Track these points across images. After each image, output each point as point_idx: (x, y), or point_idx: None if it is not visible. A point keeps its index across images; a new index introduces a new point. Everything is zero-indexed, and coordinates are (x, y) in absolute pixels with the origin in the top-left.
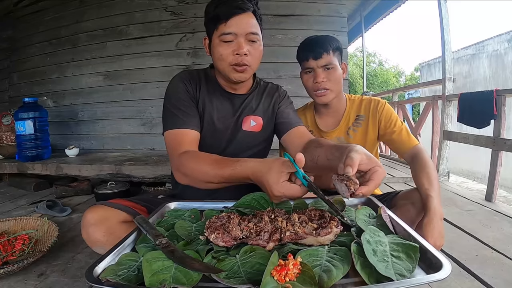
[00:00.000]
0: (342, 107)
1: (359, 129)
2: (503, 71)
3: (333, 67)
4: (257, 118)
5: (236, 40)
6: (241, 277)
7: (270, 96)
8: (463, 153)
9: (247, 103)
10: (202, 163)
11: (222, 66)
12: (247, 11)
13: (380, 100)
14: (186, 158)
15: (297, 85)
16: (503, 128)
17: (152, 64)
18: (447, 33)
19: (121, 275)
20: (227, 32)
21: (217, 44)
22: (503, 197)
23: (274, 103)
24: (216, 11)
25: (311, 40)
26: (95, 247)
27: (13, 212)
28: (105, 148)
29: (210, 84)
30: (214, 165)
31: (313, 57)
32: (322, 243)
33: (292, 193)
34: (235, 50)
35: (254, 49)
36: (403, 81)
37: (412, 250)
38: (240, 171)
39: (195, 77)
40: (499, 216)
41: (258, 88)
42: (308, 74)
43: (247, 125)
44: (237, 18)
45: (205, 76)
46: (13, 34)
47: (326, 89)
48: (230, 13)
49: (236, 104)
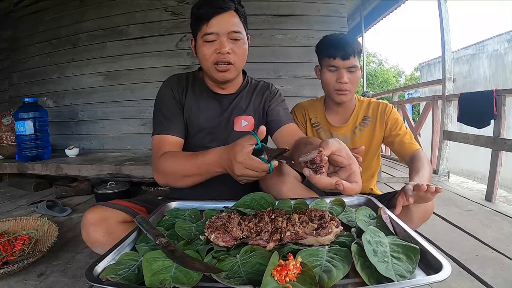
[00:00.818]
0: (351, 107)
1: (366, 129)
2: (503, 71)
3: (356, 69)
4: (248, 117)
5: (218, 39)
6: (241, 277)
7: (261, 95)
8: (463, 153)
9: (236, 102)
10: (178, 158)
11: (206, 66)
12: (229, 10)
13: (388, 104)
14: (164, 158)
15: (297, 85)
16: (503, 128)
17: (152, 64)
18: (447, 33)
19: (121, 275)
20: (209, 32)
21: (200, 44)
22: (503, 197)
23: (265, 101)
24: (198, 12)
25: (339, 39)
26: (95, 247)
27: (13, 212)
28: (105, 148)
29: (198, 86)
30: (187, 157)
31: (341, 57)
32: (322, 243)
33: (253, 163)
34: (217, 49)
35: (237, 47)
36: (403, 81)
37: (412, 252)
38: (210, 155)
39: (183, 81)
40: (499, 216)
41: (248, 87)
42: (331, 72)
43: (238, 125)
44: (219, 18)
45: (193, 79)
46: (13, 34)
47: (348, 90)
48: (212, 13)
49: (224, 104)
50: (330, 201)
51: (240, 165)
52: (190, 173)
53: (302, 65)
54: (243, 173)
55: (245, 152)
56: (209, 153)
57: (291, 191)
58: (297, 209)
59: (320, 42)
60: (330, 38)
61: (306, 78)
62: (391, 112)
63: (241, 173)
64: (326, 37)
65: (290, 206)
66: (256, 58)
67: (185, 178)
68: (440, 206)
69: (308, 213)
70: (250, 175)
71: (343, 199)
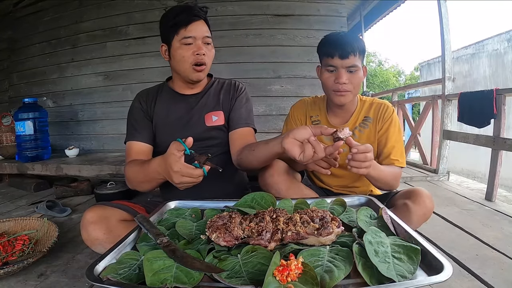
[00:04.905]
0: (353, 107)
1: (365, 130)
2: (503, 71)
3: (357, 69)
4: (218, 113)
5: (195, 42)
6: (242, 277)
7: (228, 92)
8: (463, 153)
9: (204, 100)
10: (133, 166)
11: (184, 67)
12: (201, 19)
13: (390, 106)
14: (128, 167)
15: (297, 85)
16: (503, 128)
17: (151, 64)
18: (447, 33)
19: (122, 274)
20: (188, 36)
21: (178, 47)
22: (503, 197)
23: (231, 98)
24: (176, 19)
25: (338, 38)
26: (95, 246)
27: (13, 213)
28: (105, 148)
29: (165, 93)
30: (140, 166)
31: (339, 56)
32: (323, 243)
33: (188, 170)
34: (195, 51)
35: (208, 50)
36: (403, 81)
37: (414, 252)
38: (152, 166)
39: (152, 93)
40: (499, 216)
41: (215, 86)
42: (329, 72)
43: (209, 121)
44: (195, 24)
45: (161, 89)
46: (12, 35)
47: (347, 91)
48: (189, 20)
49: (192, 102)
50: (331, 201)
51: (177, 174)
52: (143, 180)
53: (302, 65)
54: (181, 181)
55: (179, 162)
56: (152, 163)
57: (291, 190)
58: (298, 209)
59: (320, 41)
60: (329, 37)
61: (306, 78)
62: (391, 116)
63: (179, 181)
64: (326, 36)
65: (291, 206)
66: (256, 58)
67: (141, 184)
68: (440, 205)
69: (309, 213)
70: (188, 181)
71: (344, 199)
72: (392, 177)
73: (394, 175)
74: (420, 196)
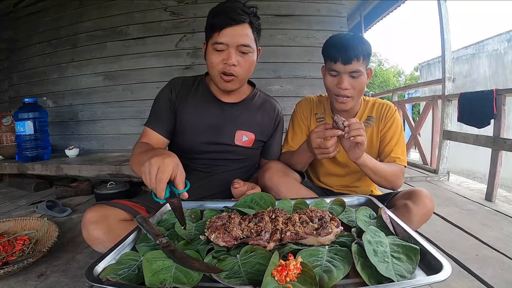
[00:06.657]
0: (356, 108)
1: (368, 130)
2: (503, 71)
3: (360, 74)
4: (249, 134)
5: (227, 50)
6: (241, 277)
7: (267, 116)
8: (463, 153)
9: (238, 113)
10: (138, 149)
11: (213, 73)
12: (242, 23)
13: (392, 106)
14: (135, 146)
15: (297, 85)
16: (503, 128)
17: (151, 64)
18: (447, 33)
19: (122, 275)
20: (219, 42)
21: (210, 51)
22: (503, 197)
23: (273, 127)
24: (212, 20)
25: (343, 41)
26: (95, 246)
27: (13, 213)
28: (105, 148)
29: (201, 91)
30: (142, 150)
31: (342, 61)
32: (322, 243)
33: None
34: (225, 59)
35: (244, 60)
36: (403, 81)
37: (413, 252)
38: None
39: (187, 86)
40: (499, 216)
41: (255, 101)
42: (332, 76)
43: (239, 139)
44: (231, 29)
45: (198, 84)
46: (13, 35)
47: (348, 97)
48: (224, 24)
49: (226, 112)
50: (330, 201)
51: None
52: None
53: (302, 65)
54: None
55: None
56: (151, 151)
57: (290, 191)
58: (297, 209)
59: (325, 42)
60: (333, 40)
61: (306, 78)
62: (393, 115)
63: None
64: (331, 37)
65: (290, 206)
66: None
67: (136, 166)
68: (440, 206)
69: (308, 213)
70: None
71: (343, 199)
72: (392, 173)
73: (394, 171)
74: (420, 196)
